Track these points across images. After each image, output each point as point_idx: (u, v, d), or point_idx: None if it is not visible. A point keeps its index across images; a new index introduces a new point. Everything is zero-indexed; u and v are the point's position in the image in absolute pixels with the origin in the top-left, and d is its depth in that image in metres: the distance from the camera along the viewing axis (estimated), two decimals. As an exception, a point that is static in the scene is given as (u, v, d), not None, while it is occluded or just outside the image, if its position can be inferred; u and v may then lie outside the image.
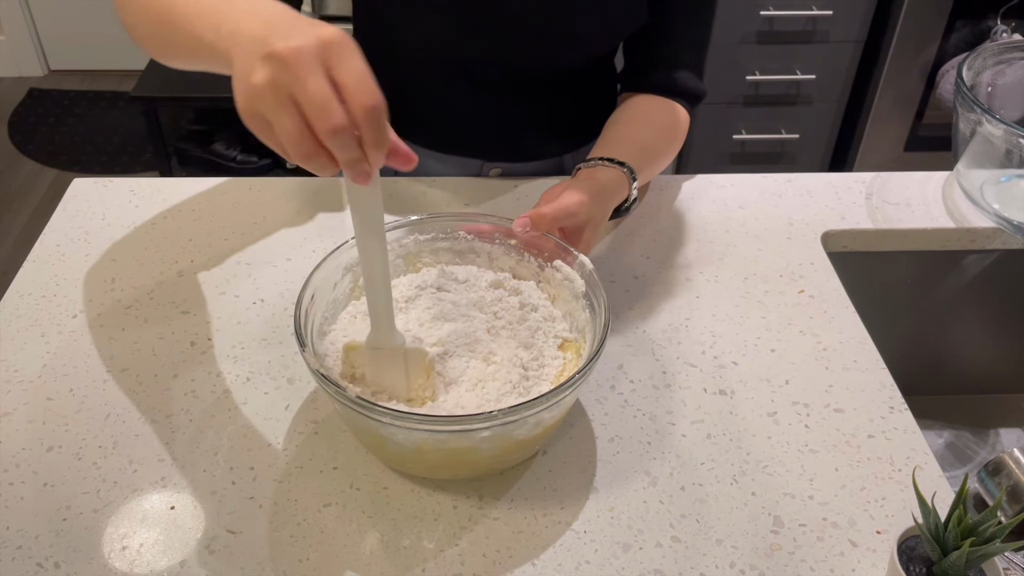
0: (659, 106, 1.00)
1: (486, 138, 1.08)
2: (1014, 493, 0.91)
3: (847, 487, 0.74)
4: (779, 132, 2.34)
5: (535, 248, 0.82)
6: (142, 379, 0.82)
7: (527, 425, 0.67)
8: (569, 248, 0.80)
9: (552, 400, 0.65)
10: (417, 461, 0.70)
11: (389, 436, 0.67)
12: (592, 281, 0.76)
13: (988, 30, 2.14)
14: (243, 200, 1.04)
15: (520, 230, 0.79)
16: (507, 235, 0.82)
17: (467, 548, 0.69)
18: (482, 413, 0.65)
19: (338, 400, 0.66)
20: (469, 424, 0.64)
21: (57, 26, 3.27)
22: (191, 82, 2.50)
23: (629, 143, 0.94)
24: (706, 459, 0.76)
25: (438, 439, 0.66)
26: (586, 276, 0.77)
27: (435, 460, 0.69)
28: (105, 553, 0.68)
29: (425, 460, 0.69)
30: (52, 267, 0.94)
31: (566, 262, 0.80)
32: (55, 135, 3.03)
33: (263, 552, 0.68)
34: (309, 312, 0.73)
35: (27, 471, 0.74)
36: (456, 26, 0.96)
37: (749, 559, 0.69)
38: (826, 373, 0.85)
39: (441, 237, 0.83)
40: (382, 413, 0.64)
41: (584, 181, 0.85)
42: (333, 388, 0.65)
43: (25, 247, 1.00)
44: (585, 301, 0.77)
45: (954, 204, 1.08)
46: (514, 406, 0.64)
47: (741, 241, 1.01)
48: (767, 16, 2.13)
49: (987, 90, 1.09)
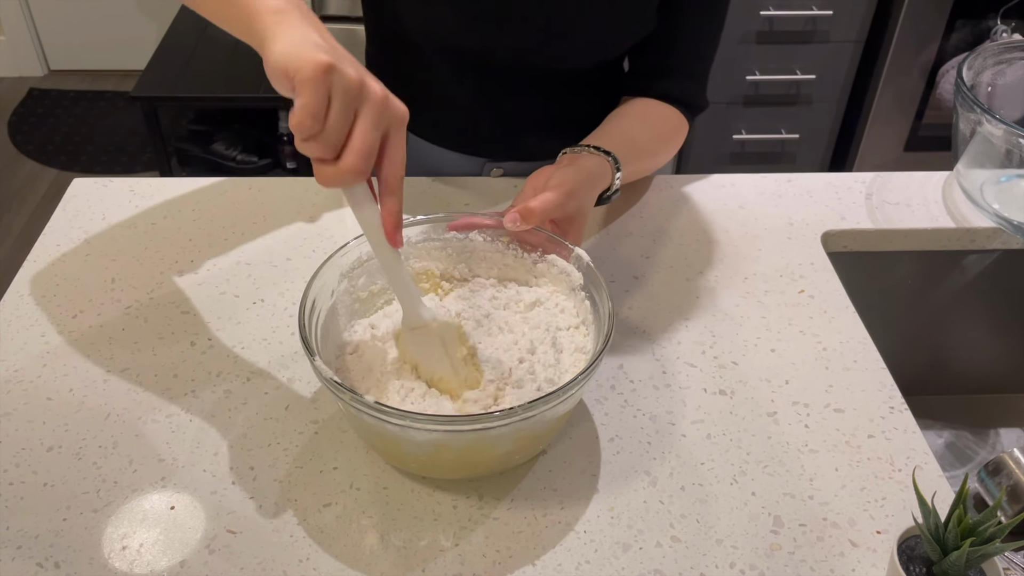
0: (658, 109, 1.00)
1: (490, 135, 1.08)
2: (1014, 493, 0.90)
3: (847, 487, 0.74)
4: (779, 132, 2.34)
5: (527, 244, 0.82)
6: (142, 379, 0.82)
7: (545, 419, 0.67)
8: (562, 241, 0.80)
9: (568, 392, 0.66)
10: (433, 462, 0.70)
11: (406, 438, 0.66)
12: (590, 273, 0.77)
13: (988, 30, 2.14)
14: (243, 200, 1.04)
15: (511, 226, 0.79)
16: (496, 227, 0.82)
17: (467, 548, 0.69)
18: (496, 411, 0.65)
19: (353, 407, 0.65)
20: (488, 422, 0.65)
21: (57, 26, 3.27)
22: (191, 82, 2.51)
23: (619, 136, 0.94)
24: (706, 459, 0.76)
25: (456, 438, 0.66)
26: (583, 268, 0.77)
27: (450, 460, 0.69)
28: (105, 553, 0.68)
29: (441, 460, 0.69)
30: (52, 267, 0.94)
31: (561, 256, 0.80)
32: (55, 135, 3.03)
33: (263, 552, 0.68)
34: (313, 321, 0.72)
35: (27, 471, 0.74)
36: (466, 19, 0.96)
37: (749, 559, 0.69)
38: (826, 373, 0.85)
39: (432, 238, 0.83)
40: (400, 416, 0.64)
41: (569, 168, 0.85)
42: (349, 395, 0.64)
43: (25, 247, 1.00)
44: (584, 293, 0.77)
45: (954, 204, 1.08)
46: (532, 401, 0.64)
47: (741, 241, 1.01)
48: (767, 16, 2.13)
49: (987, 90, 1.09)
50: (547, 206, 0.79)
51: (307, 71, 0.58)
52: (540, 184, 0.83)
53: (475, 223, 0.82)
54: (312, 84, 0.58)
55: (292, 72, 0.59)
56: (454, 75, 1.03)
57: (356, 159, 0.61)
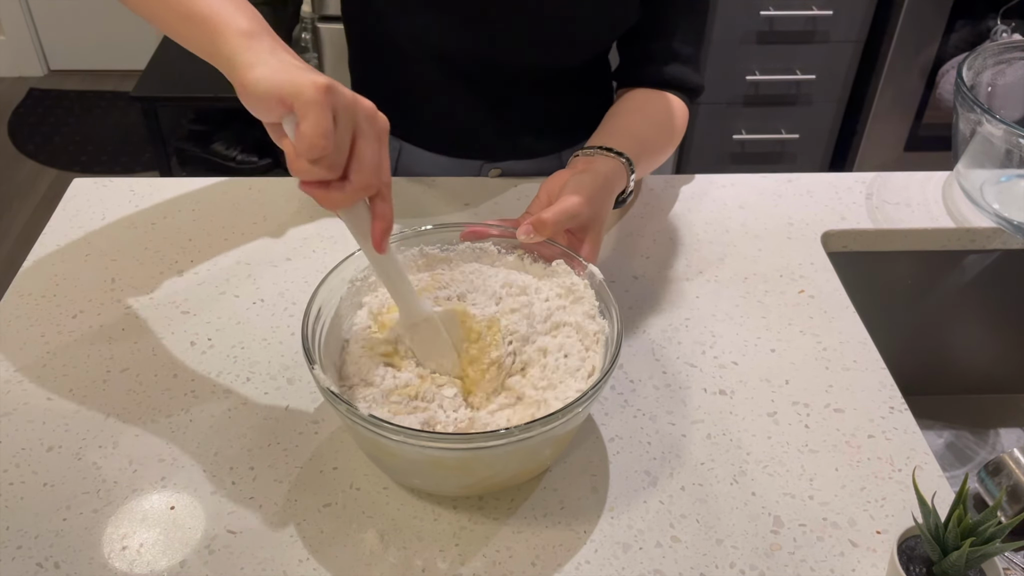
0: (657, 99, 1.00)
1: (483, 138, 1.08)
2: (1014, 493, 0.91)
3: (847, 487, 0.74)
4: (779, 132, 2.34)
5: (541, 256, 0.80)
6: (142, 379, 0.82)
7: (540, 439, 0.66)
8: (576, 256, 0.78)
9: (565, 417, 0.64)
10: (429, 477, 0.70)
11: (400, 453, 0.66)
12: (603, 292, 0.75)
13: (988, 30, 2.14)
14: (243, 200, 1.04)
15: (524, 238, 0.77)
16: (508, 237, 0.80)
17: (467, 549, 0.69)
18: (495, 431, 0.64)
19: (348, 418, 0.65)
20: (484, 442, 0.63)
21: (57, 26, 3.27)
22: (191, 82, 2.50)
23: (627, 134, 0.93)
24: (706, 459, 0.76)
25: (453, 456, 0.65)
26: (596, 286, 0.76)
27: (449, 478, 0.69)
28: (105, 553, 0.68)
29: (436, 476, 0.69)
30: (52, 267, 0.94)
31: (574, 270, 0.78)
32: (55, 135, 3.03)
33: (263, 552, 0.68)
34: (316, 328, 0.72)
35: (27, 471, 0.74)
36: (448, 24, 0.95)
37: (749, 559, 0.69)
38: (826, 373, 0.85)
39: (448, 247, 0.81)
40: (394, 431, 0.63)
41: (584, 175, 0.83)
42: (344, 407, 0.64)
43: (25, 247, 1.00)
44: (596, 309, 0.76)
45: (954, 204, 1.08)
46: (529, 423, 0.63)
47: (741, 241, 1.01)
48: (767, 16, 2.13)
49: (987, 90, 1.09)
50: (559, 217, 0.78)
51: (309, 93, 0.58)
52: (555, 190, 0.82)
53: (487, 232, 0.81)
54: (318, 105, 0.58)
55: (290, 97, 0.59)
56: (444, 81, 1.02)
57: (368, 175, 0.61)
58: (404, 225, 0.92)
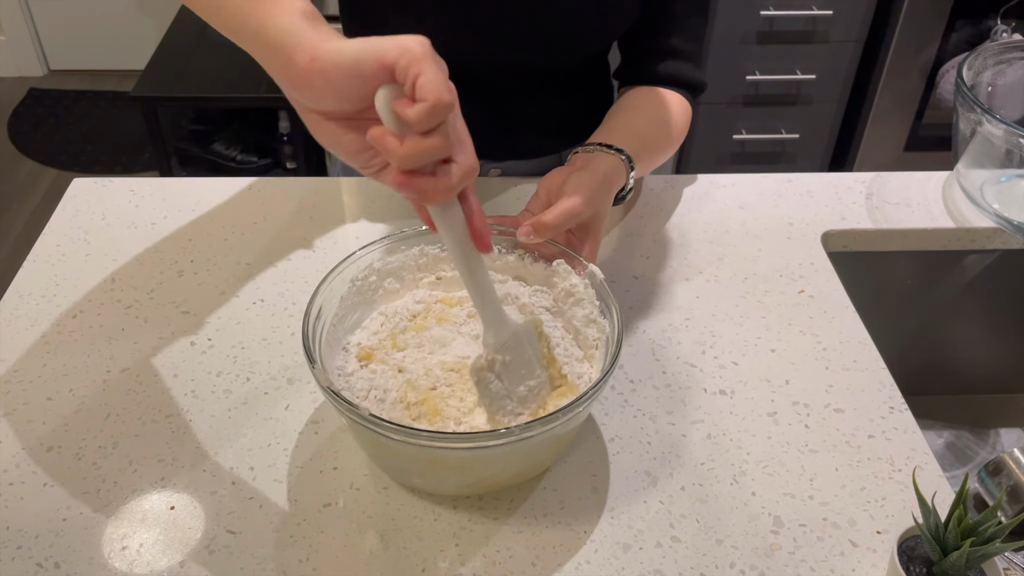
0: (659, 97, 0.99)
1: (483, 138, 1.08)
2: (1014, 493, 0.91)
3: (847, 487, 0.74)
4: (779, 132, 2.34)
5: (541, 256, 0.80)
6: (142, 379, 0.82)
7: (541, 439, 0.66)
8: (576, 256, 0.78)
9: (566, 416, 0.64)
10: (429, 477, 0.70)
11: (400, 452, 0.66)
12: (604, 291, 0.75)
13: (988, 30, 2.14)
14: (243, 200, 1.04)
15: (525, 239, 0.77)
16: (508, 236, 0.80)
17: (467, 549, 0.69)
18: (496, 431, 0.64)
19: (349, 418, 0.65)
20: (484, 441, 0.63)
21: (57, 26, 3.27)
22: (191, 82, 2.51)
23: (627, 131, 0.92)
24: (706, 459, 0.76)
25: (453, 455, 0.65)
26: (597, 286, 0.76)
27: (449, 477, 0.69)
28: (105, 553, 0.68)
29: (436, 476, 0.69)
30: (52, 267, 0.94)
31: (574, 269, 0.78)
32: (55, 135, 3.03)
33: (263, 552, 0.68)
34: (316, 328, 0.72)
35: (27, 471, 0.74)
36: (448, 24, 0.95)
37: (749, 559, 0.69)
38: (826, 373, 0.85)
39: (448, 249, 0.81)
40: (394, 430, 0.63)
41: (583, 173, 0.82)
42: (345, 406, 0.64)
43: (25, 247, 1.00)
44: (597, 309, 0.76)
45: (954, 204, 1.08)
46: (529, 423, 0.63)
47: (741, 241, 1.01)
48: (767, 16, 2.13)
49: (987, 90, 1.09)
50: (560, 219, 0.76)
51: (418, 48, 0.51)
52: (554, 187, 0.82)
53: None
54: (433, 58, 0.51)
55: (394, 55, 0.52)
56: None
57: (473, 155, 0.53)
58: (404, 225, 0.92)
